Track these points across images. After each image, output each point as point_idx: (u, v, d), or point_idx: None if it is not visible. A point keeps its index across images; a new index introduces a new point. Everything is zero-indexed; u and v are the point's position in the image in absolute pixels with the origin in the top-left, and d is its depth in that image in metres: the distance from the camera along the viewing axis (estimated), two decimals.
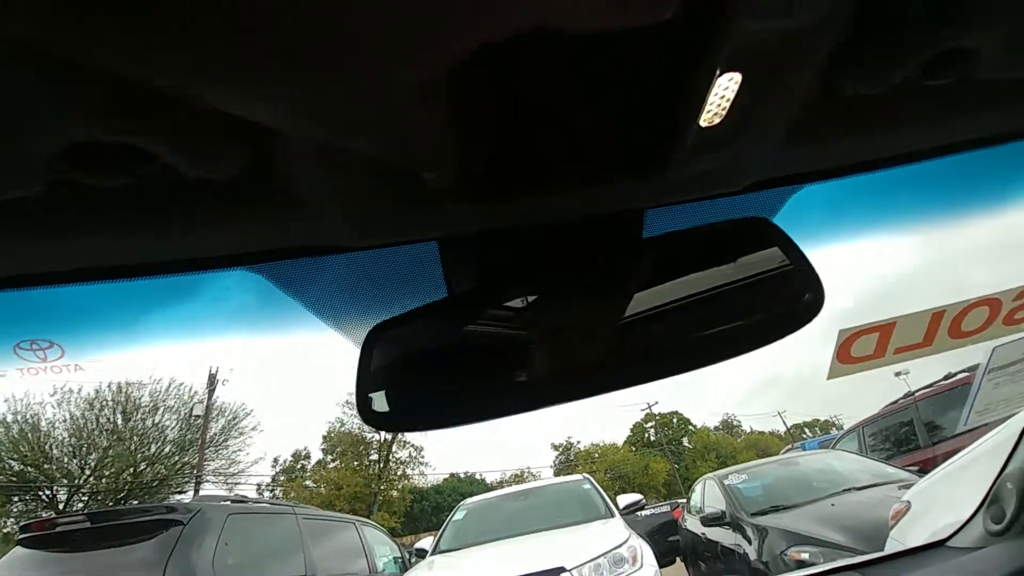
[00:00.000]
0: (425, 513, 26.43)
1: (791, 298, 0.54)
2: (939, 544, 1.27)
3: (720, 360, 0.52)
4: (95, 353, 0.73)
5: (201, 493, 14.94)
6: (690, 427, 33.82)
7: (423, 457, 26.44)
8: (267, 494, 21.57)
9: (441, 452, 44.33)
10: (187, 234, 0.52)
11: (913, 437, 6.20)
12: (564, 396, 0.52)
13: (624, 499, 4.91)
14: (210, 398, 17.72)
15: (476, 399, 0.54)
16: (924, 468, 4.48)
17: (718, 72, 0.38)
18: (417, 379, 0.57)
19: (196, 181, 0.43)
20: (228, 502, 3.63)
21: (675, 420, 33.59)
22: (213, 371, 17.69)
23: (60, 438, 16.59)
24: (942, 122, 0.60)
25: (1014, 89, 0.55)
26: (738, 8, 0.33)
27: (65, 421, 16.70)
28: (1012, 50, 0.46)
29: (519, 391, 0.54)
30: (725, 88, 0.40)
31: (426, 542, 4.93)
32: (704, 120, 0.42)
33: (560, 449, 32.77)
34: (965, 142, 0.65)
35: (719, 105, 0.42)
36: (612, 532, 3.51)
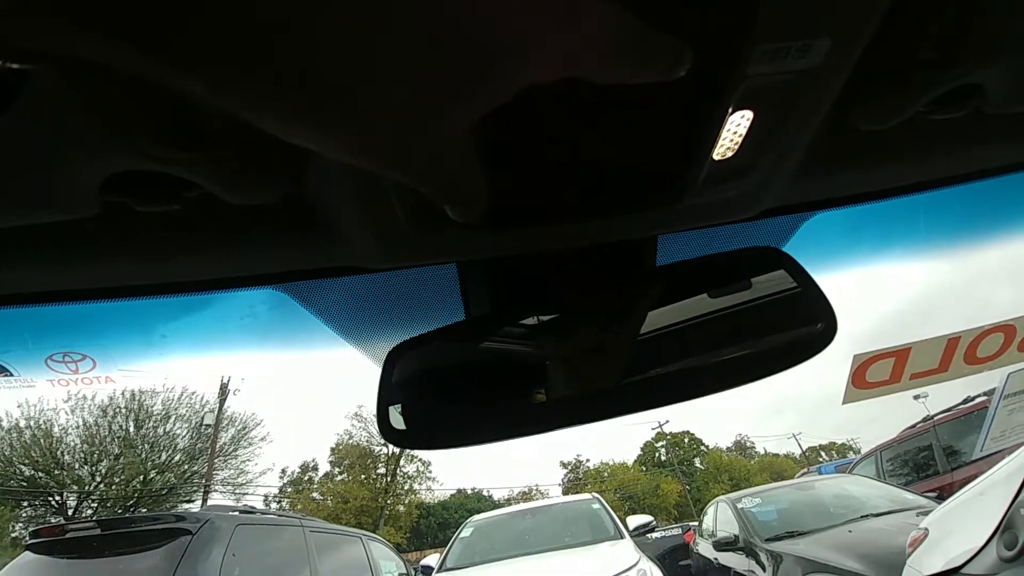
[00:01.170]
0: (431, 529, 26.14)
1: (804, 326, 0.54)
2: (954, 571, 1.26)
3: (734, 386, 0.53)
4: (126, 365, 0.76)
5: (209, 503, 14.95)
6: (702, 447, 33.24)
7: (430, 472, 26.31)
8: (274, 505, 21.55)
9: (449, 468, 43.85)
10: (220, 255, 0.54)
11: (932, 462, 6.05)
12: (576, 419, 0.53)
13: (634, 520, 4.84)
14: (221, 407, 17.82)
15: (493, 420, 0.55)
16: (943, 494, 4.37)
17: (730, 111, 0.40)
18: (436, 399, 0.58)
19: (232, 206, 0.46)
20: (236, 512, 3.64)
21: (687, 440, 33.03)
22: (225, 380, 17.83)
23: (72, 444, 16.72)
24: (957, 153, 0.61)
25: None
26: (751, 54, 0.35)
27: (78, 427, 16.86)
28: (1021, 83, 0.47)
29: (534, 413, 0.56)
30: (737, 125, 0.42)
31: (432, 559, 4.89)
32: (717, 154, 0.44)
33: (569, 467, 32.38)
34: (979, 172, 0.66)
35: (731, 140, 0.43)
36: (621, 554, 3.45)
